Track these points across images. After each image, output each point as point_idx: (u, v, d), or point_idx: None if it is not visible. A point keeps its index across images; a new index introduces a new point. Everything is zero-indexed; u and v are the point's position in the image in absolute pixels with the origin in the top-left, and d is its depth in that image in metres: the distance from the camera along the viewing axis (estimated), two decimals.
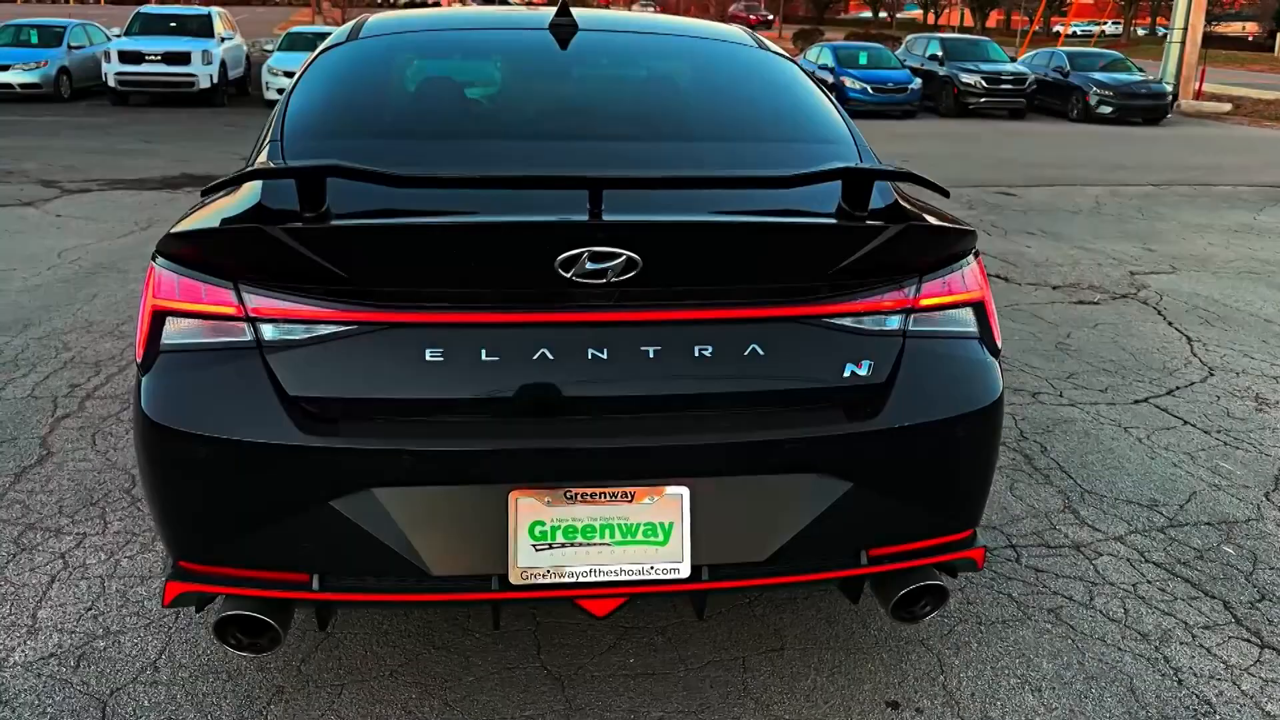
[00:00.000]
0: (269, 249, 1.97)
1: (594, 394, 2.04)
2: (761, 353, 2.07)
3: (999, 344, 2.31)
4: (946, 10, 67.69)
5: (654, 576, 2.05)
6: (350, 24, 3.17)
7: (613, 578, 2.05)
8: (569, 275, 1.97)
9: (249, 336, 2.01)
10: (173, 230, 2.07)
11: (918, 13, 71.41)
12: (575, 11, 2.97)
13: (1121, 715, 2.48)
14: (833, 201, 2.17)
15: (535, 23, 3.00)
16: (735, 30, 3.28)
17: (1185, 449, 4.13)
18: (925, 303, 2.19)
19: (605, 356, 2.03)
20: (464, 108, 2.82)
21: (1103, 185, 11.72)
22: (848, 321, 2.13)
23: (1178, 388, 4.88)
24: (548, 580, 2.03)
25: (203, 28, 18.94)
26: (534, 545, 2.02)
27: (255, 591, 2.06)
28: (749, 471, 2.08)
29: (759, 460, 2.07)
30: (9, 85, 17.60)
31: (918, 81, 20.51)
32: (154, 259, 2.13)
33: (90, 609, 2.80)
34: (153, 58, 17.59)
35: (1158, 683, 2.61)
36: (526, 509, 2.02)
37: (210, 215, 2.15)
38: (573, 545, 2.04)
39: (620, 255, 1.96)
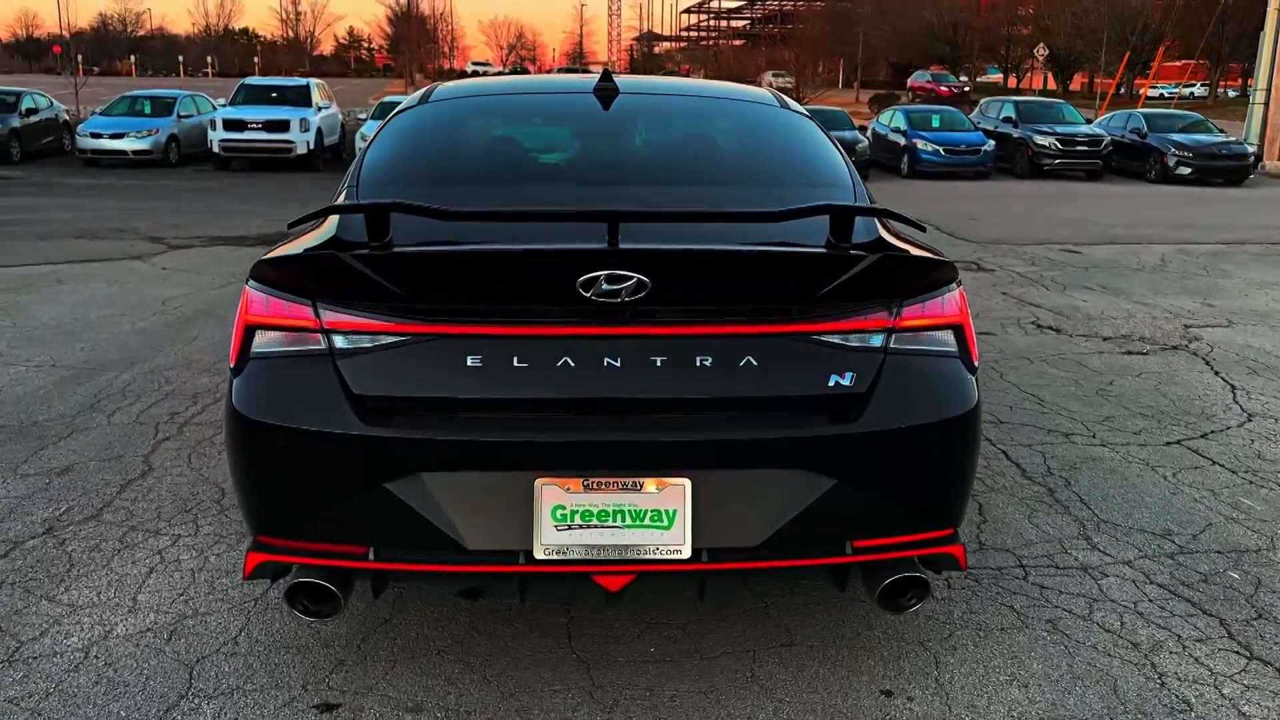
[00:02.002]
0: (341, 272, 2.37)
1: (608, 396, 2.37)
2: (755, 363, 2.39)
3: (976, 363, 2.58)
4: (1028, 74, 67.57)
5: (659, 556, 2.36)
6: (423, 90, 3.61)
7: (623, 556, 2.36)
8: (588, 295, 2.32)
9: (323, 345, 2.40)
10: (263, 258, 2.49)
11: (998, 76, 71.39)
12: (617, 78, 3.38)
13: (1101, 710, 2.68)
14: (822, 235, 2.49)
15: (582, 87, 3.40)
16: (762, 92, 3.65)
17: (1209, 486, 4.27)
18: (905, 324, 2.48)
19: (619, 364, 2.36)
20: (514, 159, 3.22)
21: (1170, 244, 11.72)
22: (833, 338, 2.43)
23: (1212, 431, 5.01)
24: (567, 557, 2.35)
25: (301, 97, 20.16)
26: (555, 526, 2.35)
27: (321, 561, 2.42)
28: (743, 466, 2.39)
29: (751, 456, 2.38)
30: (123, 152, 18.94)
31: (991, 144, 20.69)
32: (247, 283, 2.54)
33: (182, 594, 3.20)
34: (254, 125, 18.78)
35: (1141, 684, 2.79)
36: (550, 494, 2.35)
37: (294, 246, 2.57)
38: (589, 527, 2.36)
39: (632, 278, 2.31)
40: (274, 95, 20.32)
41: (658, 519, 2.36)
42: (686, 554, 2.36)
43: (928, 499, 2.52)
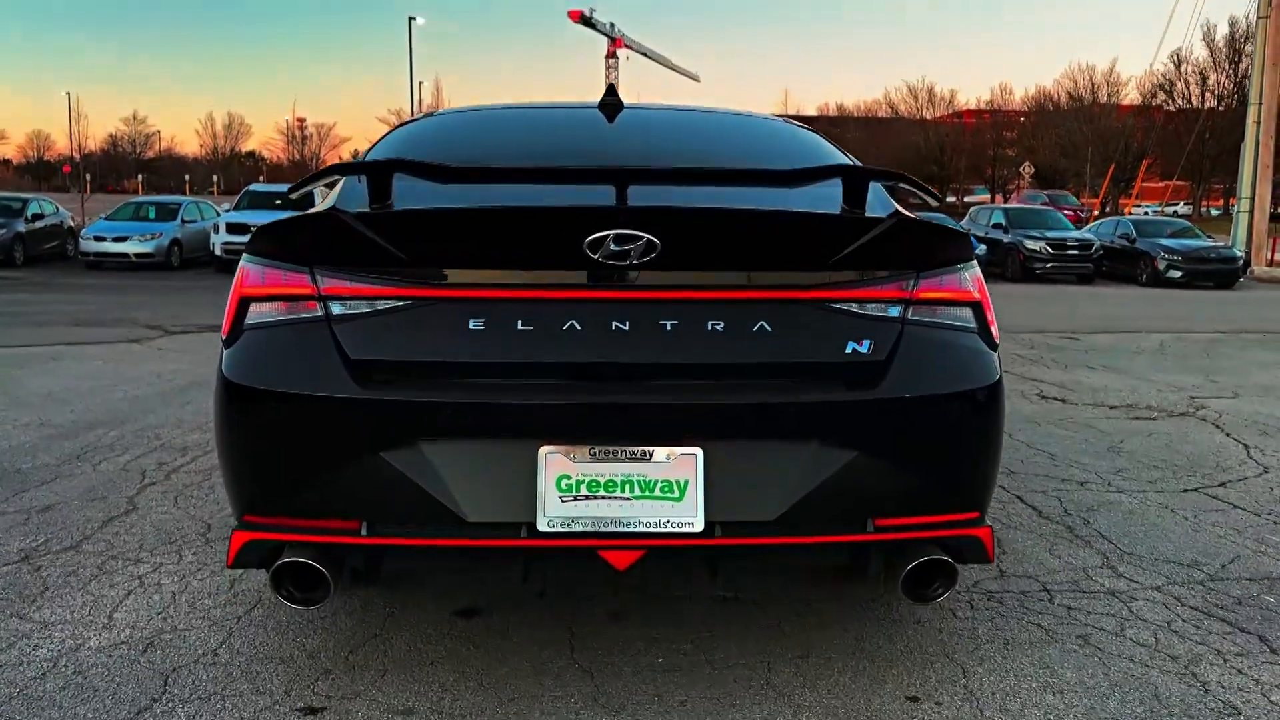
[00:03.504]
0: (341, 234, 2.30)
1: (616, 361, 2.26)
2: (769, 329, 2.29)
3: (996, 340, 2.50)
4: (1014, 193, 69.13)
5: (670, 529, 2.22)
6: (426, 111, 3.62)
7: (632, 529, 2.22)
8: (596, 256, 2.24)
9: (319, 312, 2.31)
10: (262, 226, 2.42)
11: (985, 196, 73.07)
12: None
13: (1144, 713, 2.49)
14: (836, 202, 2.43)
15: (587, 105, 3.40)
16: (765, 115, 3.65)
17: (1233, 525, 4.12)
18: (922, 296, 2.40)
19: (627, 328, 2.27)
20: (519, 152, 3.17)
21: (1168, 332, 11.74)
22: (850, 306, 2.35)
23: (1230, 481, 4.87)
24: (572, 529, 2.21)
25: (306, 203, 20.45)
26: (560, 497, 2.22)
27: (311, 538, 2.27)
28: (757, 434, 2.27)
29: (766, 424, 2.26)
30: (125, 255, 19.08)
31: (981, 248, 20.94)
32: (242, 259, 2.47)
33: (161, 613, 3.02)
34: (257, 229, 18.96)
35: (1184, 691, 2.61)
36: (554, 463, 2.23)
37: (291, 217, 2.49)
38: (595, 498, 2.22)
39: (641, 238, 2.24)
40: (278, 201, 20.61)
41: (668, 490, 2.23)
42: (699, 527, 2.22)
43: (951, 476, 2.40)
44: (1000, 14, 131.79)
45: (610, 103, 3.28)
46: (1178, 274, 20.39)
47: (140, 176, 61.14)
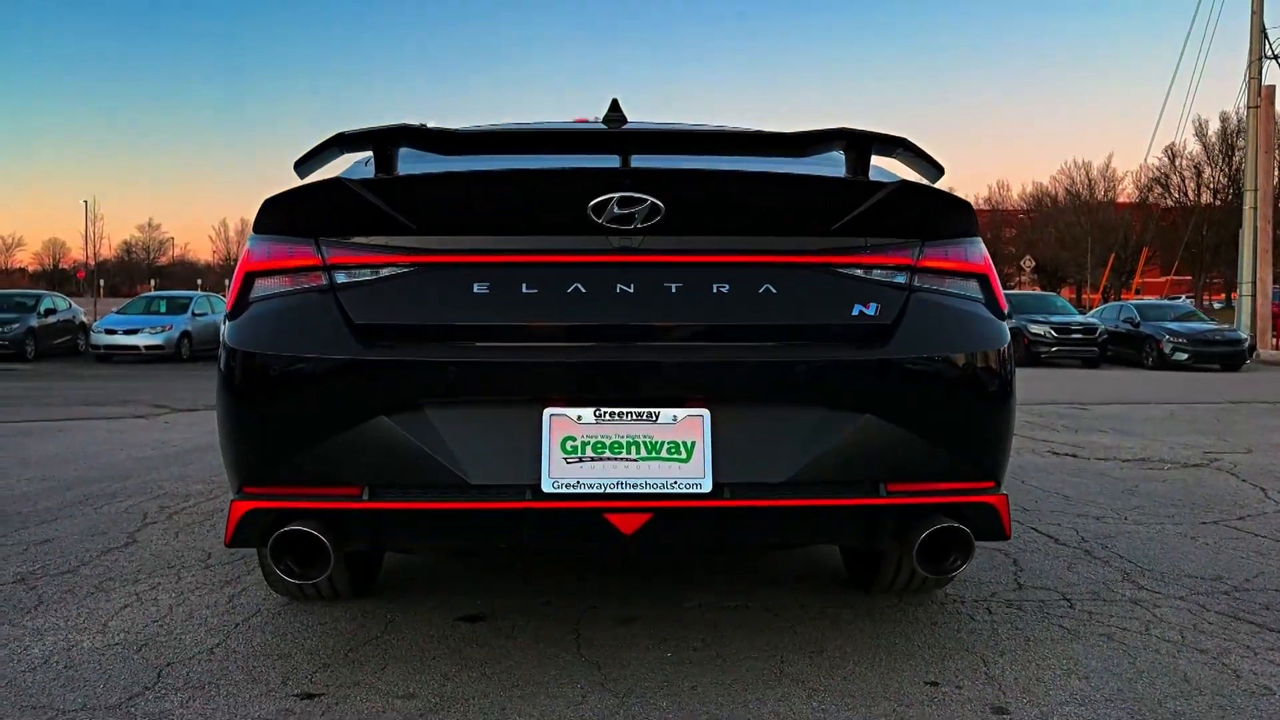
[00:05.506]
0: (346, 202, 2.31)
1: (620, 324, 2.25)
2: (774, 291, 2.28)
3: (1005, 311, 2.48)
4: (1015, 288, 69.66)
5: (678, 491, 2.17)
6: None
7: (638, 490, 2.17)
8: (600, 220, 2.25)
9: (324, 281, 2.31)
10: (267, 200, 2.44)
11: None
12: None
13: (1174, 694, 2.39)
14: (840, 168, 2.45)
15: (594, 122, 3.46)
16: None
17: (1255, 549, 4.02)
18: (928, 264, 2.39)
19: (632, 291, 2.26)
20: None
21: (1178, 403, 11.68)
22: (855, 271, 2.34)
23: (1249, 515, 4.78)
24: (577, 491, 2.17)
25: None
26: (565, 458, 2.18)
27: (313, 504, 2.22)
28: (763, 394, 2.24)
29: (772, 383, 2.23)
30: (135, 347, 19.17)
31: None
32: (249, 239, 2.48)
33: (156, 621, 2.94)
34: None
35: (1214, 676, 2.51)
36: (559, 425, 2.20)
37: (297, 187, 2.50)
38: (601, 460, 2.18)
39: (645, 200, 2.25)
40: None
41: (675, 451, 2.19)
42: (707, 488, 2.17)
43: (963, 441, 2.35)
44: (996, 116, 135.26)
45: (615, 118, 3.33)
46: (1184, 356, 20.35)
47: (153, 282, 61.98)
